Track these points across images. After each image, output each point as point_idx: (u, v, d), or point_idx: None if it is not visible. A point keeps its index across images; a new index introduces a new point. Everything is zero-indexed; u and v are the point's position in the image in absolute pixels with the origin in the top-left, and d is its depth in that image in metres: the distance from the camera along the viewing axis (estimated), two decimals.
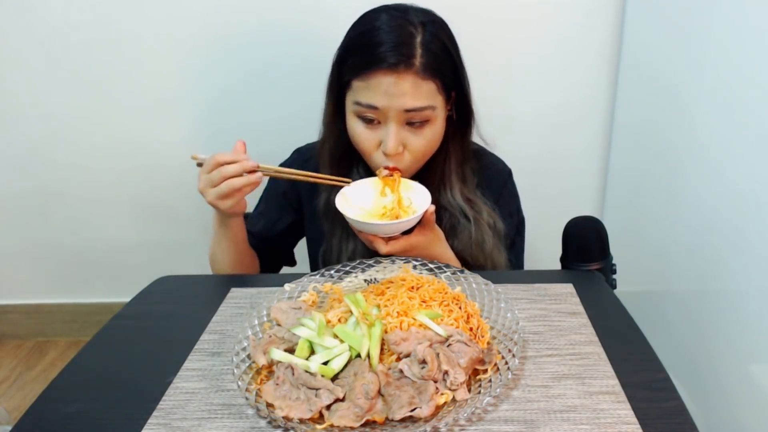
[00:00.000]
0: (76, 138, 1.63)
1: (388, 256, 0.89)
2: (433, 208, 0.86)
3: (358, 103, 0.87)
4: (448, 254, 0.94)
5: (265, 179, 1.04)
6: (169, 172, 1.66)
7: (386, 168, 0.90)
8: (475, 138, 1.02)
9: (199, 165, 0.89)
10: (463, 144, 0.98)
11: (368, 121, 0.88)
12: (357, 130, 0.90)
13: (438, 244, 0.92)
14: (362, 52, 0.86)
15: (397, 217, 0.88)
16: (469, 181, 1.00)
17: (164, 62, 1.53)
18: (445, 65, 0.88)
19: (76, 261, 1.81)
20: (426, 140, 0.90)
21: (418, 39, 0.85)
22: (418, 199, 0.89)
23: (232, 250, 0.99)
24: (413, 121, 0.87)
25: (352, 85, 0.88)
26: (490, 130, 1.04)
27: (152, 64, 1.53)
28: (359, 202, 0.90)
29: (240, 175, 0.84)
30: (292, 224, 1.08)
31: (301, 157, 1.07)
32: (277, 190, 1.08)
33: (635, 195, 1.47)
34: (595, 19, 1.45)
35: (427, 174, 0.95)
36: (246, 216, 1.04)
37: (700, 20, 1.14)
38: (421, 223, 0.87)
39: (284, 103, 1.53)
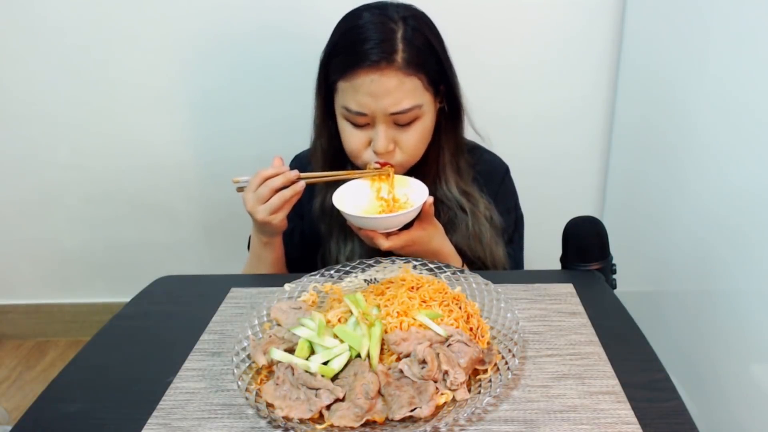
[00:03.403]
0: (76, 138, 1.63)
1: (389, 253, 0.89)
2: (431, 199, 0.86)
3: (346, 109, 0.88)
4: (448, 247, 0.94)
5: None
6: (169, 172, 1.66)
7: (377, 162, 0.90)
8: (471, 133, 1.02)
9: (239, 190, 0.89)
10: (455, 136, 0.98)
11: (357, 124, 0.89)
12: (346, 131, 0.91)
13: (438, 237, 0.92)
14: (344, 52, 0.87)
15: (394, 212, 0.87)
16: (465, 174, 1.00)
17: (164, 62, 1.53)
18: (428, 59, 0.88)
19: (76, 261, 1.81)
20: (416, 137, 0.90)
21: (399, 34, 0.85)
22: (415, 195, 0.89)
23: (276, 269, 0.99)
24: (401, 123, 0.88)
25: (338, 88, 0.88)
26: (491, 130, 1.04)
27: (152, 64, 1.54)
28: (356, 201, 0.90)
29: (286, 186, 0.85)
30: (303, 232, 1.08)
31: (300, 164, 1.07)
32: None
33: (635, 195, 1.47)
34: (595, 19, 1.45)
35: (421, 168, 0.95)
36: None
37: (700, 21, 1.14)
38: (420, 216, 0.87)
39: (284, 103, 1.53)
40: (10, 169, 1.68)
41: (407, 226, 0.87)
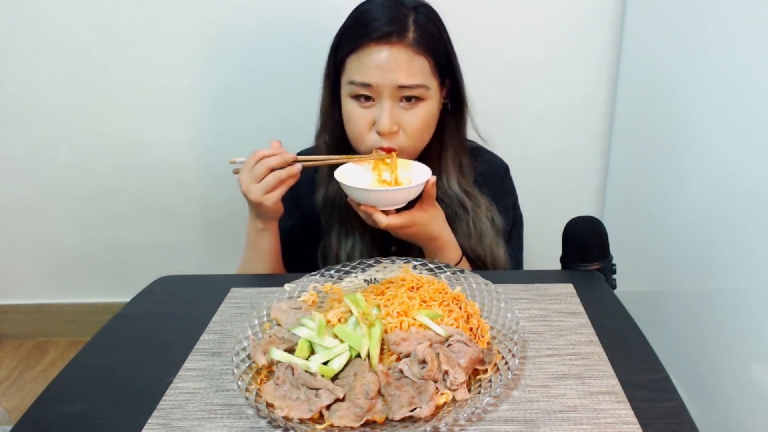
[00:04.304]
0: (77, 138, 1.63)
1: (389, 252, 0.88)
2: (434, 179, 0.86)
3: (352, 83, 0.88)
4: (447, 234, 0.93)
5: None
6: (169, 171, 1.66)
7: (381, 149, 0.90)
8: (473, 135, 1.03)
9: (236, 172, 0.89)
10: (458, 134, 0.98)
11: (363, 99, 0.88)
12: (350, 110, 0.90)
13: (438, 221, 0.92)
14: (356, 29, 0.88)
15: None
16: (467, 173, 0.99)
17: (165, 62, 1.53)
18: (437, 46, 0.89)
19: (76, 261, 1.81)
20: (420, 119, 0.89)
21: (411, 18, 0.87)
22: (417, 178, 0.88)
23: (269, 259, 0.98)
24: (408, 95, 0.87)
25: (346, 65, 0.89)
26: (491, 130, 1.04)
27: (152, 63, 1.54)
28: (358, 181, 0.88)
29: (282, 167, 0.85)
30: (305, 227, 1.08)
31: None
32: (284, 199, 1.07)
33: (635, 195, 1.47)
34: (595, 19, 1.45)
35: (423, 164, 0.95)
36: None
37: (700, 20, 1.14)
38: (421, 198, 0.87)
39: (286, 103, 1.53)
40: (10, 169, 1.68)
41: (408, 207, 0.87)
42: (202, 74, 1.54)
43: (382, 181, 0.91)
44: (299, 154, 1.08)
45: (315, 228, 1.03)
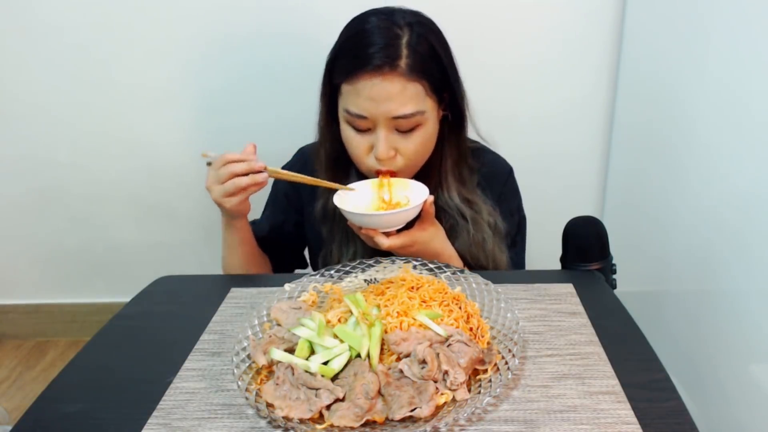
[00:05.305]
0: (76, 138, 1.63)
1: (390, 253, 0.89)
2: (432, 198, 0.86)
3: (347, 112, 0.87)
4: (449, 249, 0.94)
5: (270, 183, 1.05)
6: (169, 172, 1.66)
7: (380, 172, 0.90)
8: (476, 137, 1.02)
9: (209, 164, 0.89)
10: (458, 144, 0.98)
11: (359, 129, 0.89)
12: (348, 135, 0.90)
13: (439, 238, 0.92)
14: (349, 55, 0.87)
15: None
16: (467, 181, 0.99)
17: (165, 62, 1.53)
18: (432, 66, 0.87)
19: (76, 261, 1.81)
20: (417, 143, 0.89)
21: (404, 40, 0.85)
22: (415, 196, 0.89)
23: (240, 252, 0.99)
24: (402, 129, 0.87)
25: (341, 90, 0.88)
26: (491, 130, 1.04)
27: (153, 64, 1.54)
28: (356, 202, 0.90)
29: (246, 174, 0.85)
30: (297, 224, 1.08)
31: (304, 157, 1.07)
32: (279, 193, 1.09)
33: (635, 195, 1.47)
34: (595, 19, 1.45)
35: (423, 176, 0.95)
36: (254, 222, 1.06)
37: (700, 21, 1.14)
38: (420, 217, 0.87)
39: (285, 104, 1.54)
40: (10, 169, 1.68)
41: (408, 227, 0.87)
42: (202, 75, 1.54)
43: (381, 200, 0.91)
44: (302, 150, 1.09)
45: (317, 235, 1.03)
